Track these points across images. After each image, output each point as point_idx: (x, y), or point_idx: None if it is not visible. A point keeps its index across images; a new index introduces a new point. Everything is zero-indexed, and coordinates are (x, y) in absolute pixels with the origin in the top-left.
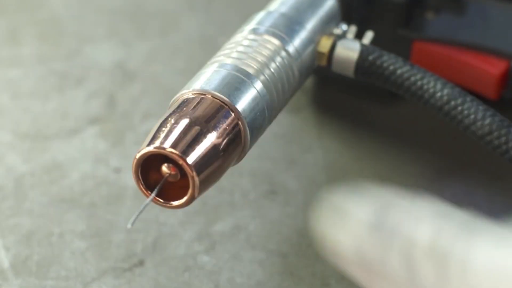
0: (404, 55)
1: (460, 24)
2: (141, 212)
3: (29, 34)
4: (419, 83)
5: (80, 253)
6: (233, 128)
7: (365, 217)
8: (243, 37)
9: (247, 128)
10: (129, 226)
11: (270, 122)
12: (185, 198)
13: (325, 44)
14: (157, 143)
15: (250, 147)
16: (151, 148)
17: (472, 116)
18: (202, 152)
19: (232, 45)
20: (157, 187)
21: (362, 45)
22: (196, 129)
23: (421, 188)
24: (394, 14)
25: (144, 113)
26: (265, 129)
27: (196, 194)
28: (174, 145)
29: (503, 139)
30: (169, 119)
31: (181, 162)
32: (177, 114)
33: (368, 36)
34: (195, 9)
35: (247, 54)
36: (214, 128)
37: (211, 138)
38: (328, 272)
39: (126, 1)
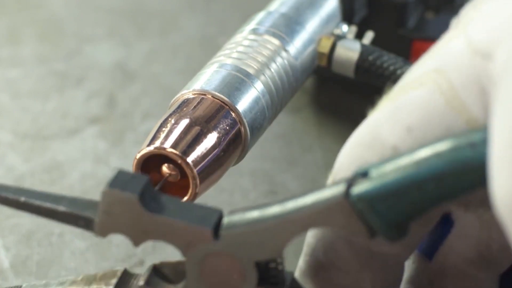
0: (404, 55)
1: None
2: None
3: (29, 34)
4: None
5: (80, 253)
6: (233, 128)
7: None
8: (243, 37)
9: (247, 128)
10: None
11: (270, 122)
12: (185, 198)
13: (325, 44)
14: (157, 143)
15: (250, 147)
16: (151, 148)
17: None
18: (202, 152)
19: (232, 45)
20: (157, 187)
21: (362, 45)
22: (197, 129)
23: None
24: (394, 14)
25: (144, 113)
26: (265, 129)
27: (196, 194)
28: (174, 145)
29: None
30: (169, 119)
31: (181, 162)
32: (177, 114)
33: (368, 36)
34: (195, 9)
35: (247, 54)
36: (214, 128)
37: (211, 138)
38: None
39: (126, 1)
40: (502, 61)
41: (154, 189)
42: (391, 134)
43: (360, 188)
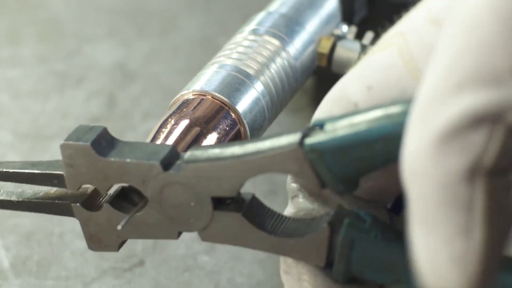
0: None
1: None
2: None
3: (29, 34)
4: None
5: (80, 253)
6: (233, 128)
7: None
8: (243, 37)
9: (247, 129)
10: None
11: (270, 122)
12: None
13: (325, 45)
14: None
15: None
16: None
17: None
18: None
19: (232, 46)
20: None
21: (362, 46)
22: (196, 130)
23: None
24: (394, 14)
25: (144, 113)
26: (265, 129)
27: None
28: None
29: None
30: (169, 120)
31: None
32: (177, 115)
33: (369, 36)
34: (195, 9)
35: (247, 55)
36: (214, 129)
37: (211, 139)
38: None
39: (126, 1)
40: (444, 29)
41: (112, 136)
42: (355, 92)
43: (313, 139)
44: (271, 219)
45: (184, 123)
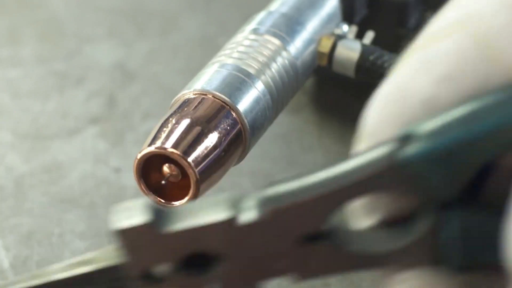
0: None
1: None
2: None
3: (29, 34)
4: None
5: (80, 253)
6: (234, 128)
7: None
8: (244, 37)
9: (248, 128)
10: None
11: (271, 122)
12: (186, 199)
13: (325, 44)
14: (158, 143)
15: (251, 147)
16: (152, 148)
17: None
18: (203, 152)
19: (233, 45)
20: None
21: (363, 45)
22: (197, 129)
23: None
24: (394, 14)
25: (144, 113)
26: (266, 129)
27: (197, 194)
28: (175, 145)
29: None
30: (170, 119)
31: (182, 162)
32: (178, 114)
33: (369, 36)
34: (195, 9)
35: (248, 54)
36: (215, 128)
37: (212, 138)
38: None
39: (126, 1)
40: None
41: (156, 206)
42: (423, 86)
43: (410, 150)
44: (356, 236)
45: (185, 122)
